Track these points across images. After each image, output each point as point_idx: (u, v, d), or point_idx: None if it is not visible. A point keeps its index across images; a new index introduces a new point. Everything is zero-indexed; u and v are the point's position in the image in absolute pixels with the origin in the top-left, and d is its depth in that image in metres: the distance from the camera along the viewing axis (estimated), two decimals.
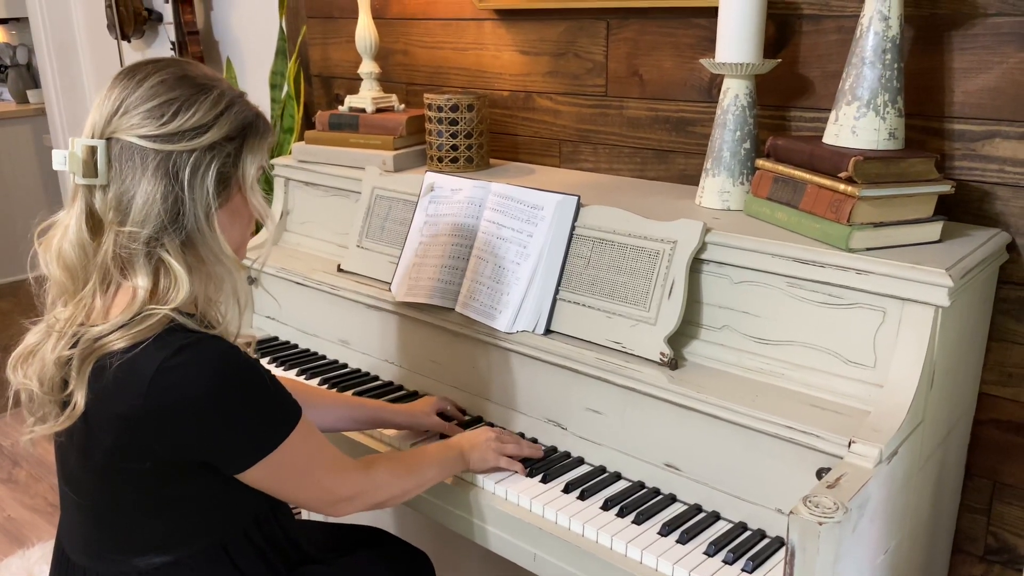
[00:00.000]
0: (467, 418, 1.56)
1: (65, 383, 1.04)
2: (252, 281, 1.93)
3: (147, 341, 1.00)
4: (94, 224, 1.05)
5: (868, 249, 1.21)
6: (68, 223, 1.06)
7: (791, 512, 0.97)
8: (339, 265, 1.79)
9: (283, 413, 1.08)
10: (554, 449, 1.44)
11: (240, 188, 1.09)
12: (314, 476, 1.12)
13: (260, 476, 1.07)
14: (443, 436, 1.47)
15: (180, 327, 1.03)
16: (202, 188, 1.04)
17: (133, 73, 1.05)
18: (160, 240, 1.03)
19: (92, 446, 1.05)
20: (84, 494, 1.12)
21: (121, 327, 1.01)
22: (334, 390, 1.66)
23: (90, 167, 1.02)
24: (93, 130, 1.04)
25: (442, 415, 1.52)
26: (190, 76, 1.06)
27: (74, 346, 1.03)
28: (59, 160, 1.03)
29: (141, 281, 1.03)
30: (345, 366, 1.79)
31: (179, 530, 1.11)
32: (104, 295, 1.05)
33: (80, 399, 1.01)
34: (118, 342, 1.00)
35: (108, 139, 1.03)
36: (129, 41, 3.05)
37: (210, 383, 1.00)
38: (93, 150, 1.02)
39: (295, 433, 1.08)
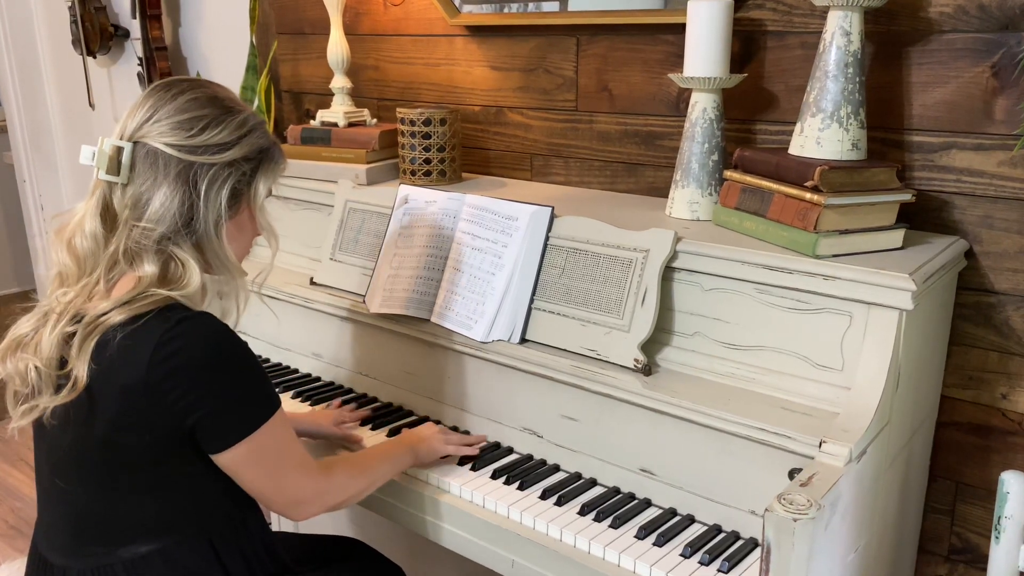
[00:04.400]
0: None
1: (63, 362, 1.07)
2: None
3: (149, 315, 1.05)
4: (109, 218, 1.12)
5: (834, 256, 1.25)
6: (84, 214, 1.13)
7: (767, 510, 0.99)
8: (312, 278, 1.79)
9: (268, 395, 1.14)
10: (530, 457, 1.45)
11: (249, 205, 1.18)
12: (284, 470, 1.16)
13: (237, 458, 1.11)
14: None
15: (179, 305, 1.09)
16: (216, 199, 1.12)
17: (169, 87, 1.14)
18: (172, 239, 1.11)
19: (94, 420, 1.07)
20: (75, 480, 1.13)
21: (124, 304, 1.06)
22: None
23: (114, 165, 1.10)
24: (123, 132, 1.12)
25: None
26: (220, 98, 1.15)
27: (75, 323, 1.07)
28: (87, 155, 1.11)
29: (148, 268, 1.09)
30: (318, 379, 1.79)
31: (168, 514, 1.13)
32: (108, 281, 1.11)
33: (82, 373, 1.04)
34: (118, 316, 1.05)
35: (136, 142, 1.10)
36: (95, 57, 3.03)
37: (207, 351, 1.06)
38: (120, 150, 1.10)
39: (275, 418, 1.13)
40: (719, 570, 1.15)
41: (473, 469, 1.40)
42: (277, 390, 1.70)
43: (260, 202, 1.19)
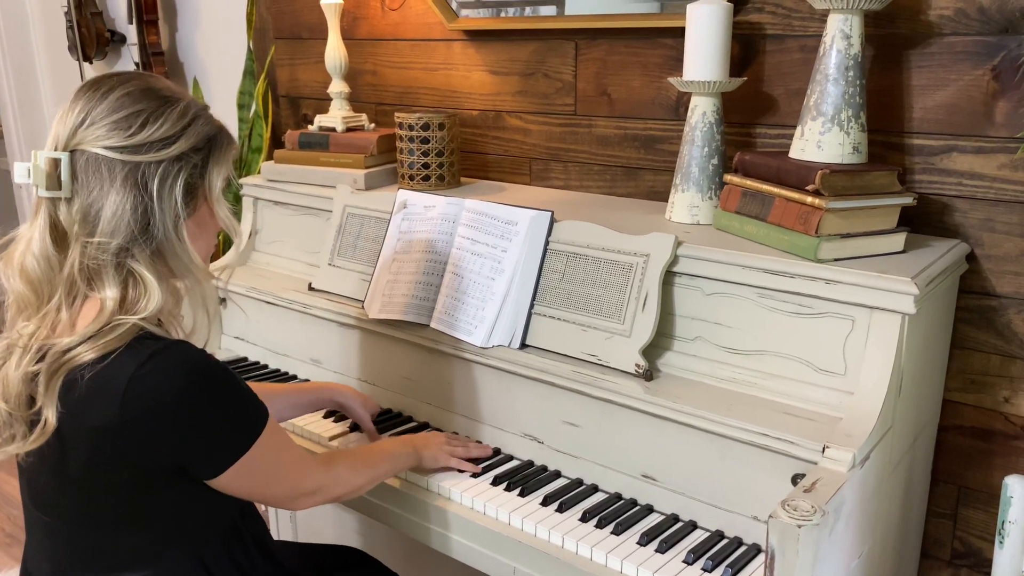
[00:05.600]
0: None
1: (32, 400, 1.02)
2: (221, 301, 1.92)
3: (118, 351, 0.99)
4: (58, 236, 1.04)
5: (836, 260, 1.25)
6: (31, 236, 1.05)
7: (771, 516, 0.98)
8: (310, 283, 1.78)
9: (253, 415, 1.09)
10: (531, 463, 1.44)
11: (207, 199, 1.11)
12: (281, 474, 1.14)
13: (232, 479, 1.07)
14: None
15: (150, 335, 1.02)
16: (171, 198, 1.05)
17: (97, 86, 1.05)
18: (130, 250, 1.03)
19: (67, 462, 1.03)
20: (57, 513, 1.09)
21: (89, 339, 1.00)
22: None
23: (53, 180, 1.02)
24: (56, 142, 1.03)
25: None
26: (155, 88, 1.07)
27: (40, 360, 1.01)
28: (21, 173, 1.03)
29: (110, 292, 1.02)
30: None
31: (156, 541, 1.09)
32: (70, 308, 1.04)
33: (51, 415, 0.99)
34: (87, 354, 0.99)
35: (72, 151, 1.02)
36: (91, 63, 3.02)
37: (183, 387, 1.00)
38: (57, 163, 1.02)
39: (264, 434, 1.08)
40: None
41: (473, 476, 1.39)
42: None
43: (217, 194, 1.11)
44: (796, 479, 1.14)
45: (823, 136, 1.31)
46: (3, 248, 1.08)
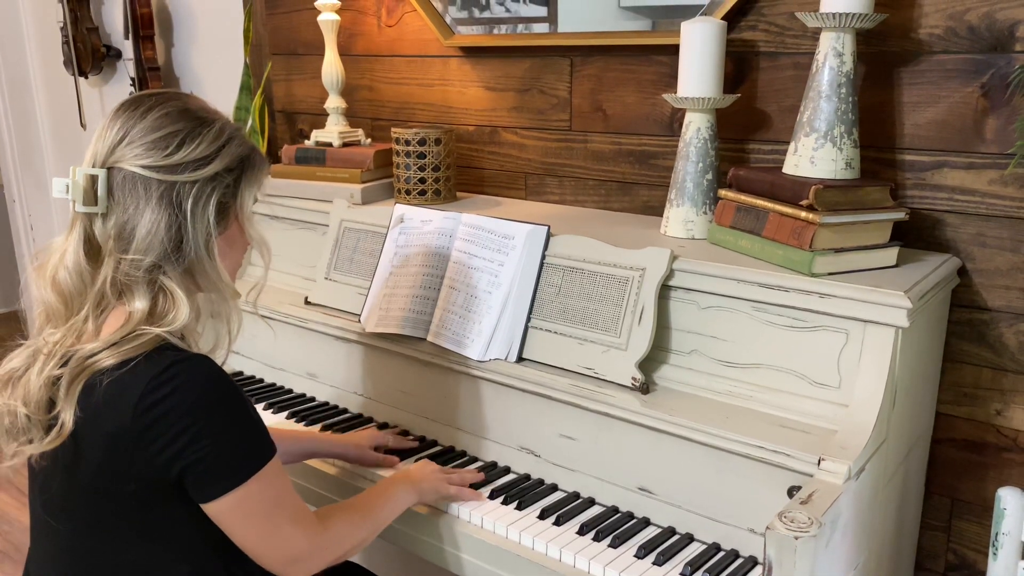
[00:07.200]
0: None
1: (52, 404, 1.03)
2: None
3: (138, 359, 1.01)
4: (92, 251, 1.07)
5: (830, 274, 1.26)
6: (65, 249, 1.08)
7: (768, 528, 0.99)
8: (307, 298, 1.79)
9: (261, 444, 1.08)
10: (528, 476, 1.45)
11: (237, 218, 1.13)
12: (277, 523, 1.09)
13: (226, 509, 1.06)
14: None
15: (171, 346, 1.04)
16: (203, 217, 1.07)
17: (136, 105, 1.08)
18: (162, 267, 1.06)
19: (79, 467, 1.04)
20: (64, 519, 1.10)
21: (112, 345, 1.02)
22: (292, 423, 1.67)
23: (90, 195, 1.04)
24: (95, 159, 1.06)
25: (378, 449, 1.52)
26: (191, 109, 1.10)
27: (63, 365, 1.03)
28: (59, 188, 1.05)
29: (139, 304, 1.05)
30: (313, 399, 1.78)
31: (159, 556, 1.09)
32: (97, 318, 1.06)
33: (68, 418, 1.00)
34: (108, 359, 1.01)
35: (110, 168, 1.05)
36: (87, 78, 3.02)
37: (195, 400, 1.01)
38: (94, 179, 1.04)
39: (268, 468, 1.07)
40: None
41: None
42: (271, 411, 1.71)
43: (248, 213, 1.14)
44: (792, 491, 1.15)
45: (816, 152, 1.33)
46: (40, 256, 1.11)
